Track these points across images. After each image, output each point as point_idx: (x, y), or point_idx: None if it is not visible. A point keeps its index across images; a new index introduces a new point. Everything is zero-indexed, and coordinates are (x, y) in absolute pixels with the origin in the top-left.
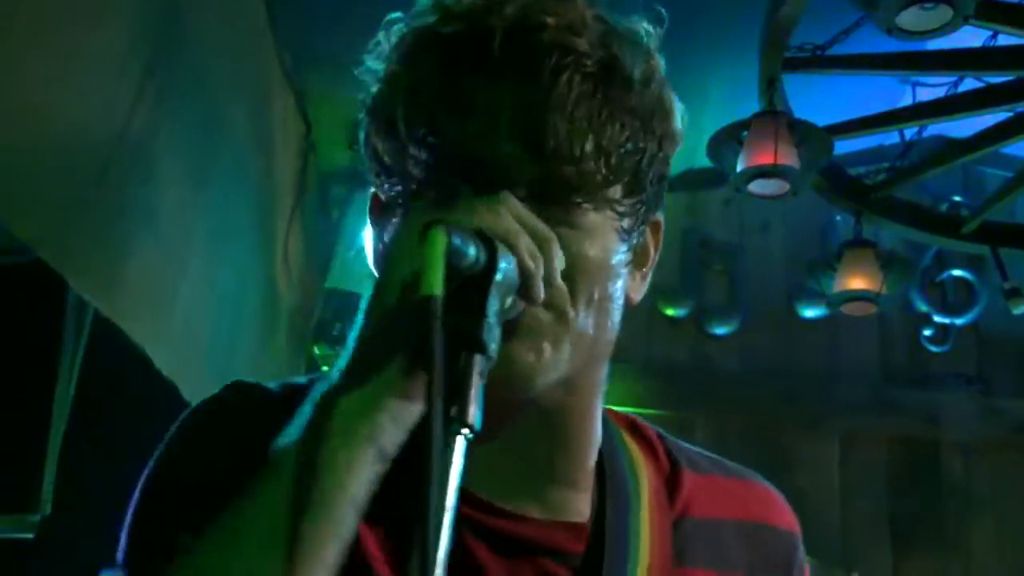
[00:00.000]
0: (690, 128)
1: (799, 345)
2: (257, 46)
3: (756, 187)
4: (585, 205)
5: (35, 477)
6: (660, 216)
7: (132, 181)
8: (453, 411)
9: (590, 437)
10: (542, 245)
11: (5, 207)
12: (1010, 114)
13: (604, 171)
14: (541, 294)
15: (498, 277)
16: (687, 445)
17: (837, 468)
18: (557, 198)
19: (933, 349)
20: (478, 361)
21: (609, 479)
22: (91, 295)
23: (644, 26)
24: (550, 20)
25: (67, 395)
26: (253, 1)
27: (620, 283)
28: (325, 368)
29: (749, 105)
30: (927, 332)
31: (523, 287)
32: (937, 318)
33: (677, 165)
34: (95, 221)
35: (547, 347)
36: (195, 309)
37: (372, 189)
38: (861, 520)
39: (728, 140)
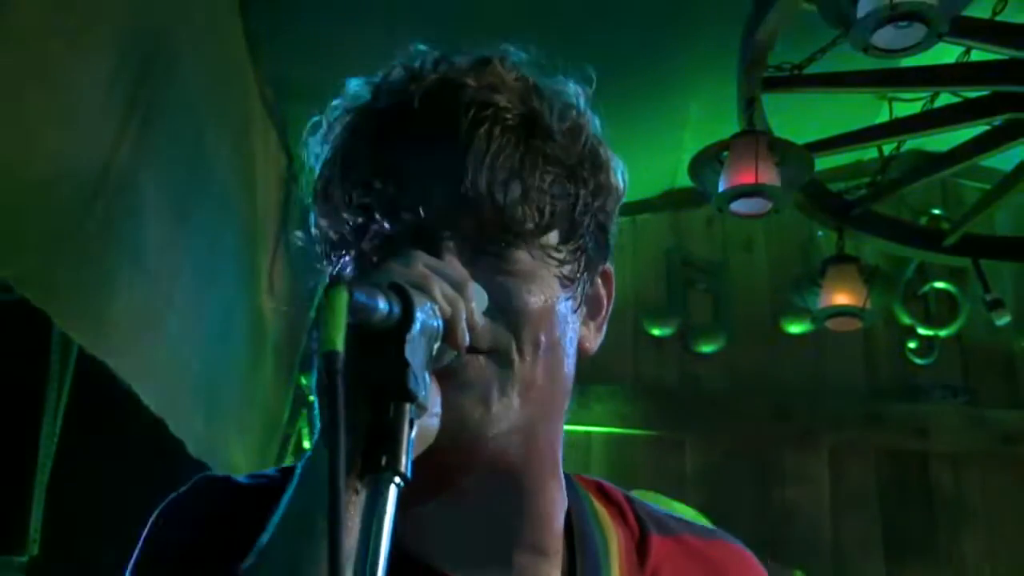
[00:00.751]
0: (671, 148)
1: (786, 361)
2: (239, 79)
3: (738, 206)
4: (519, 252)
5: (21, 518)
6: (610, 266)
7: (117, 215)
8: (384, 460)
9: (552, 497)
10: (457, 288)
11: None
12: (987, 127)
13: (532, 215)
14: (464, 337)
15: (415, 326)
16: (655, 507)
17: (827, 483)
18: (490, 246)
19: (918, 361)
20: (407, 410)
21: (578, 543)
22: (76, 332)
23: (572, 85)
24: (469, 81)
25: (53, 433)
26: (234, 35)
27: (568, 331)
28: (312, 399)
29: (729, 123)
30: (912, 345)
31: (446, 332)
32: (921, 330)
33: (659, 185)
34: (79, 257)
35: (494, 396)
36: (182, 343)
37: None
38: (852, 534)
39: (709, 160)
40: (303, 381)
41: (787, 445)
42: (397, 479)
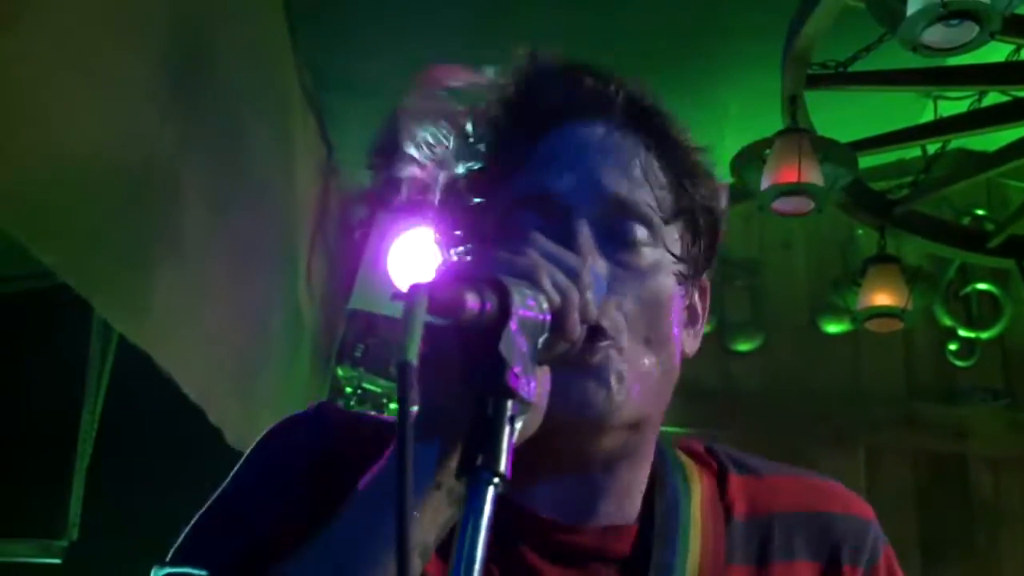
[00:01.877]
0: (711, 143)
1: (823, 362)
2: (279, 68)
3: (780, 204)
4: (644, 242)
5: (62, 502)
6: (707, 281)
7: (158, 205)
8: (480, 459)
9: (644, 469)
10: (572, 276)
11: (32, 233)
12: None
13: (660, 205)
14: (575, 329)
15: (513, 321)
16: (739, 452)
17: (864, 485)
18: (617, 229)
19: (959, 364)
20: (507, 407)
21: (659, 481)
22: (117, 320)
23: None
24: (612, 84)
25: (93, 420)
26: (275, 24)
27: (678, 327)
28: (348, 390)
29: (769, 119)
30: (952, 347)
31: (555, 323)
32: (962, 332)
33: None
34: (121, 245)
35: (614, 383)
36: (220, 332)
37: (407, 172)
38: (890, 537)
39: (752, 158)
40: (340, 372)
41: (823, 446)
42: (495, 479)
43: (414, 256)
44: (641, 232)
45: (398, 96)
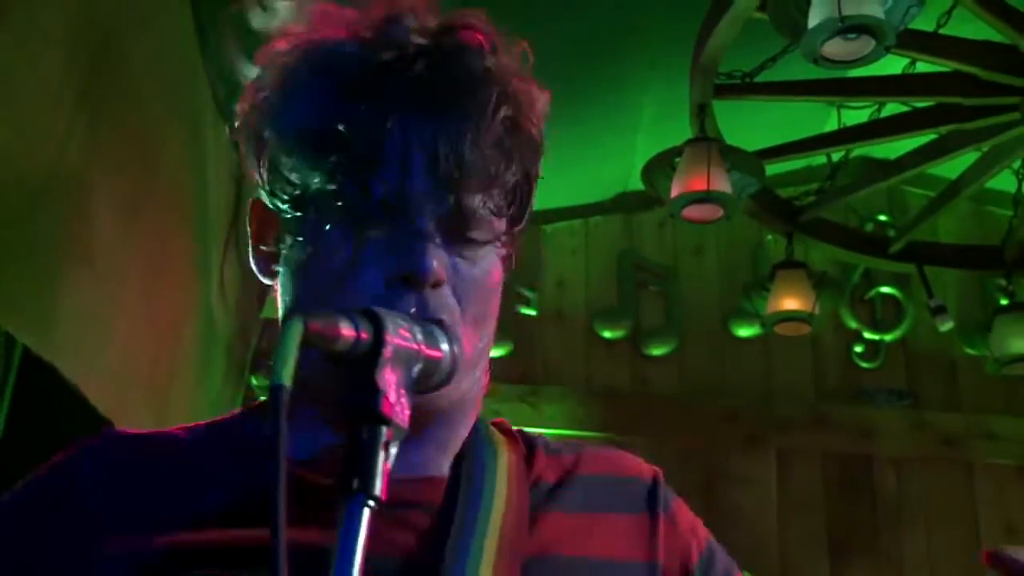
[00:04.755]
0: (624, 151)
1: (735, 365)
2: (189, 74)
3: (690, 212)
4: (478, 237)
5: None
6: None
7: (65, 215)
8: (355, 483)
9: (471, 419)
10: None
11: None
12: (932, 136)
13: (499, 205)
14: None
15: (386, 351)
16: (546, 438)
17: (775, 485)
18: (457, 229)
19: (864, 365)
20: (381, 433)
21: (468, 445)
22: (21, 332)
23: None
24: (470, 58)
25: None
26: (185, 29)
27: (496, 300)
28: (263, 398)
29: (682, 125)
30: (858, 349)
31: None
32: (867, 335)
33: (612, 188)
34: (25, 257)
35: (456, 351)
36: (131, 343)
37: (257, 197)
38: (799, 535)
39: (661, 166)
40: (254, 382)
41: (735, 448)
42: (370, 501)
43: None
44: (478, 233)
45: None
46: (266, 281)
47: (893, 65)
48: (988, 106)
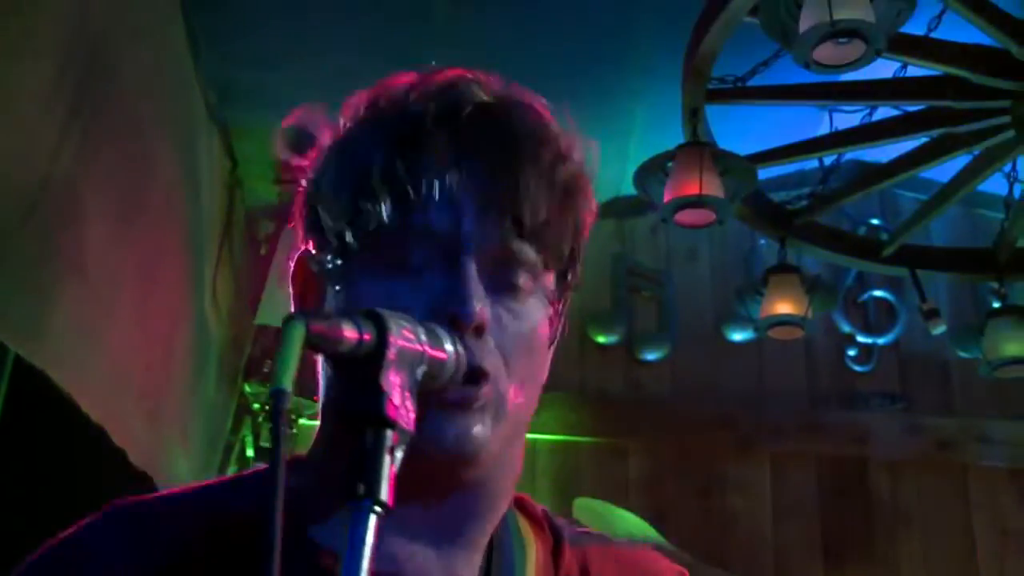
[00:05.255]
0: (616, 156)
1: (729, 369)
2: (182, 83)
3: (683, 217)
4: (524, 287)
5: None
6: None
7: (57, 224)
8: (361, 488)
9: (502, 509)
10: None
11: None
12: (924, 139)
13: (548, 255)
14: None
15: (390, 352)
16: (572, 523)
17: (768, 489)
18: (502, 275)
19: (857, 369)
20: (387, 437)
21: (496, 543)
22: (13, 341)
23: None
24: (516, 113)
25: None
26: (176, 38)
27: (545, 361)
28: (256, 407)
29: (675, 131)
30: (851, 352)
31: (437, 361)
32: (860, 338)
33: (605, 193)
34: (17, 266)
35: (488, 424)
36: (124, 351)
37: (297, 257)
38: (793, 540)
39: (654, 170)
40: (247, 389)
41: (729, 452)
42: (377, 507)
43: None
44: (524, 279)
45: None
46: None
47: (884, 69)
48: (979, 109)
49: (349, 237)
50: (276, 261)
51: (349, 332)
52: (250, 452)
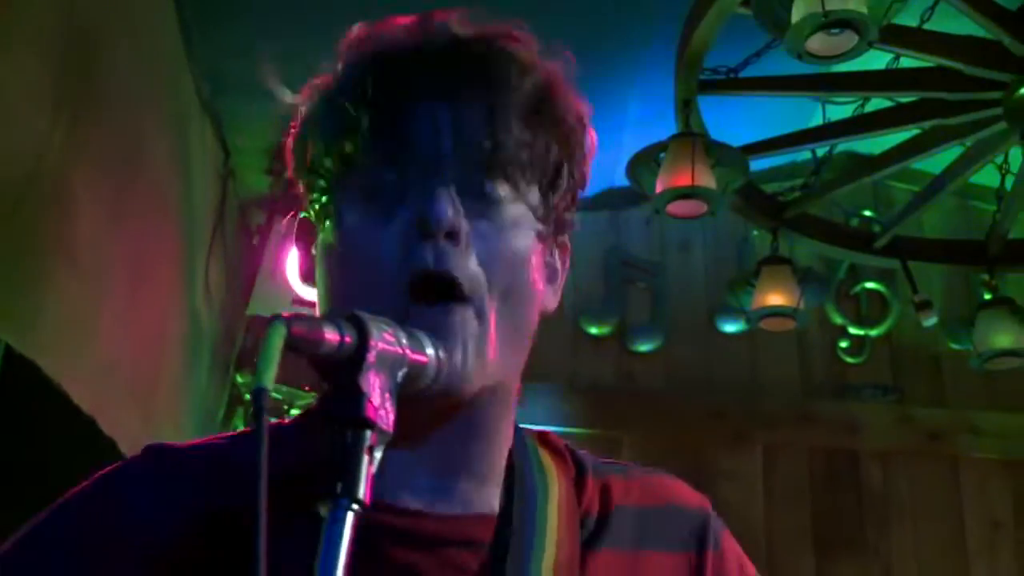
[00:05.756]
0: (610, 147)
1: (721, 360)
2: (173, 73)
3: (675, 208)
4: (504, 200)
5: None
6: (567, 241)
7: (47, 214)
8: (339, 487)
9: (506, 435)
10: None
11: None
12: (916, 131)
13: (522, 166)
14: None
15: (371, 356)
16: (594, 455)
17: (761, 480)
18: (479, 188)
19: (850, 360)
20: (365, 437)
21: (518, 475)
22: (4, 331)
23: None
24: (480, 43)
25: None
26: (168, 27)
27: (537, 282)
28: (248, 397)
29: (668, 122)
30: (843, 344)
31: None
32: (852, 330)
33: (598, 184)
34: (8, 256)
35: (471, 352)
36: (115, 341)
37: (300, 215)
38: (785, 530)
39: (646, 162)
40: (239, 379)
41: (722, 443)
42: (354, 505)
43: None
44: (504, 189)
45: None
46: (308, 287)
47: (877, 60)
48: (971, 101)
49: (332, 167)
50: (269, 251)
51: (330, 335)
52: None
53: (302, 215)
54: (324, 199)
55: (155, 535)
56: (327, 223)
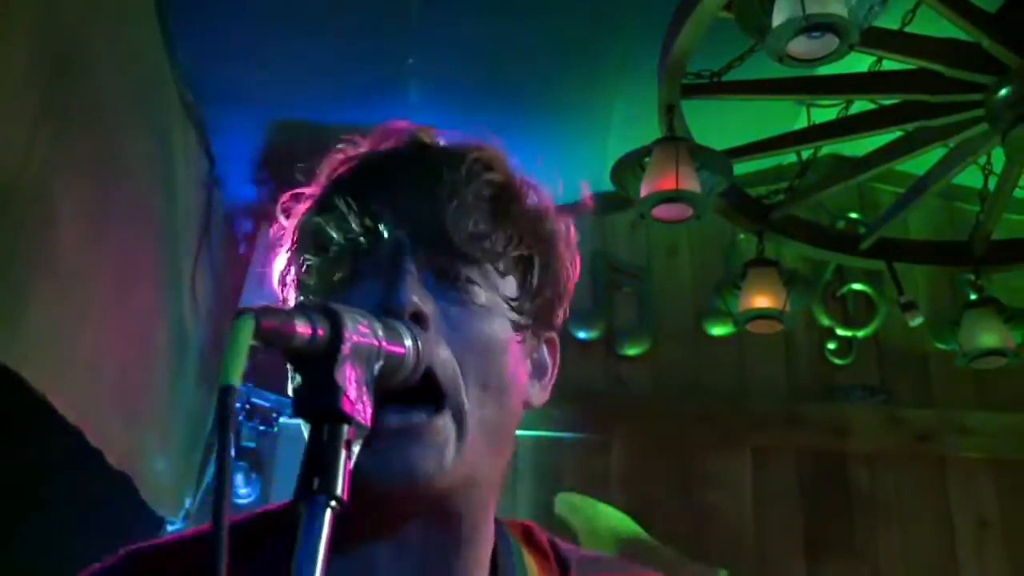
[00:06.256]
0: (595, 151)
1: (709, 363)
2: (156, 81)
3: (660, 211)
4: (477, 288)
5: None
6: (555, 337)
7: (29, 223)
8: (316, 483)
9: (486, 539)
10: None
11: None
12: (900, 133)
13: (492, 254)
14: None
15: (345, 347)
16: (579, 549)
17: (750, 483)
18: (450, 276)
19: (837, 362)
20: (342, 432)
21: (499, 566)
22: None
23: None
24: (452, 148)
25: None
26: (151, 36)
27: (518, 375)
28: (236, 406)
29: (652, 126)
30: (831, 345)
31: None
32: (840, 331)
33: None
34: None
35: (450, 452)
36: (100, 351)
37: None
38: (774, 533)
39: (631, 166)
40: None
41: (711, 446)
42: (332, 502)
43: None
44: (472, 275)
45: (279, 107)
46: None
47: (860, 63)
48: (953, 103)
49: (314, 272)
50: (256, 259)
51: (302, 327)
52: (231, 452)
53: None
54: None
55: None
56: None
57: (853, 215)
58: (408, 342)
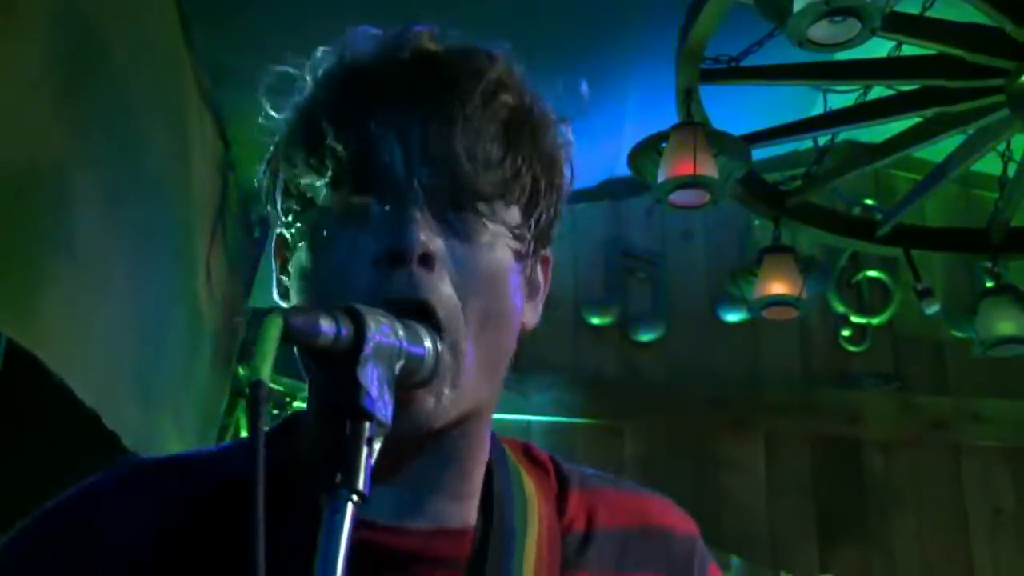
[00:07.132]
0: (611, 137)
1: (723, 350)
2: (173, 65)
3: (677, 197)
4: (481, 221)
5: None
6: (550, 253)
7: (46, 206)
8: (338, 478)
9: (481, 456)
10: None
11: None
12: (918, 119)
13: (499, 186)
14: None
15: (368, 348)
16: (582, 467)
17: (763, 469)
18: (454, 210)
19: (852, 349)
20: (364, 429)
21: (496, 490)
22: (4, 324)
23: (557, 99)
24: (456, 59)
25: None
26: (169, 20)
27: (515, 303)
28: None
29: (670, 111)
30: (845, 333)
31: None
32: (854, 318)
33: (598, 174)
34: (8, 249)
35: (446, 390)
36: (117, 334)
37: (277, 231)
38: (787, 518)
39: (648, 151)
40: (241, 371)
41: (724, 432)
42: (354, 496)
43: None
44: (479, 210)
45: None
46: (285, 305)
47: (879, 48)
48: (973, 88)
49: (306, 191)
50: (270, 243)
51: (327, 327)
52: (244, 434)
53: (278, 231)
54: (297, 221)
55: (124, 555)
56: (301, 244)
57: (869, 201)
58: (428, 343)
